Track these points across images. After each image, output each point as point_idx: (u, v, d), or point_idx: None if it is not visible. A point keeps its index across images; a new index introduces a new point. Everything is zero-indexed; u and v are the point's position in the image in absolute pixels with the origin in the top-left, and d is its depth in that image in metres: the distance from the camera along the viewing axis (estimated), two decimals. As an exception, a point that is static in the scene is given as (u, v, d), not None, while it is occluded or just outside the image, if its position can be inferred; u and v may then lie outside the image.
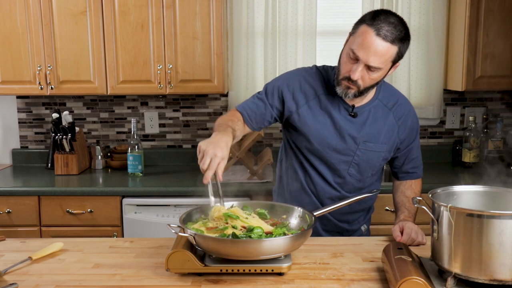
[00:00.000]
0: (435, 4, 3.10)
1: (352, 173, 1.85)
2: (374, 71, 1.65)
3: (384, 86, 1.86)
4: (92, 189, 2.70)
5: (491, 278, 1.28)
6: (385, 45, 1.61)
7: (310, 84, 1.83)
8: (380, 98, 1.83)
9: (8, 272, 1.50)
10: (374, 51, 1.60)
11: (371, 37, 1.60)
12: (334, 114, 1.79)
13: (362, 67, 1.64)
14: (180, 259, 1.42)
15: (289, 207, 1.67)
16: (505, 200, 1.46)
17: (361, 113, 1.80)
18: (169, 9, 2.84)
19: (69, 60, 2.90)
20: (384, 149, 1.83)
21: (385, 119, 1.82)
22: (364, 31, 1.62)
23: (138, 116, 3.30)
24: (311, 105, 1.81)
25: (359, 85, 1.67)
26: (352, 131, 1.80)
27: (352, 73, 1.64)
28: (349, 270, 1.50)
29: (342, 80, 1.70)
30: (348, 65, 1.66)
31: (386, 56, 1.63)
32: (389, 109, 1.83)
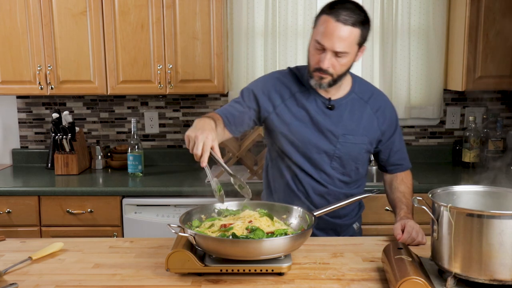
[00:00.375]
0: (435, 4, 3.10)
1: (335, 166, 1.86)
2: (342, 56, 1.70)
3: (359, 80, 1.92)
4: (92, 189, 2.70)
5: (491, 278, 1.28)
6: (347, 28, 1.66)
7: (285, 84, 1.87)
8: (356, 92, 1.87)
9: (8, 272, 1.50)
10: (337, 36, 1.66)
11: (332, 24, 1.66)
12: (311, 109, 1.83)
13: (330, 54, 1.69)
14: (180, 259, 1.42)
15: (288, 207, 1.67)
16: (505, 200, 1.46)
17: (338, 106, 1.83)
18: (169, 9, 2.84)
19: (69, 60, 2.90)
20: (365, 141, 1.85)
21: (363, 111, 1.85)
22: (324, 20, 1.68)
23: (138, 116, 3.30)
24: (288, 104, 1.85)
25: (331, 73, 1.72)
26: (331, 125, 1.82)
27: (321, 63, 1.70)
28: (349, 270, 1.50)
29: (314, 72, 1.75)
30: (316, 56, 1.72)
31: (349, 39, 1.68)
32: (365, 101, 1.86)
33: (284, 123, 1.84)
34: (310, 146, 1.83)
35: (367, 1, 3.10)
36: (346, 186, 1.90)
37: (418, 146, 3.33)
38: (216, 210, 1.66)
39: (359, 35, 1.70)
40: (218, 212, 1.66)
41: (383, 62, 3.15)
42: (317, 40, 1.70)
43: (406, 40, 3.14)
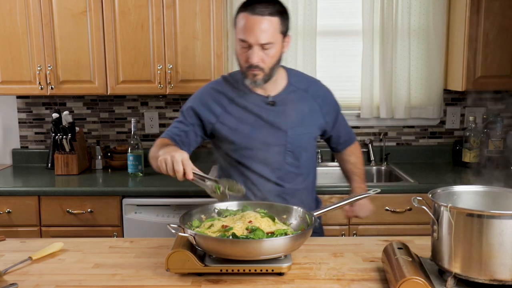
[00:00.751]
0: (435, 4, 3.10)
1: (289, 161, 1.87)
2: (269, 48, 1.72)
3: (294, 72, 1.95)
4: (92, 189, 2.70)
5: (491, 278, 1.28)
6: (265, 19, 1.69)
7: (222, 92, 1.88)
8: (293, 84, 1.89)
9: (8, 272, 1.50)
10: (258, 29, 1.69)
11: (250, 18, 1.69)
12: (254, 109, 1.84)
13: (257, 49, 1.71)
14: (180, 259, 1.42)
15: (288, 207, 1.67)
16: (505, 200, 1.46)
17: (278, 101, 1.85)
18: (169, 9, 2.84)
19: (69, 60, 2.90)
20: (312, 130, 1.90)
21: (304, 101, 1.88)
22: (242, 17, 1.72)
23: (138, 116, 3.30)
24: (230, 111, 1.86)
25: (262, 67, 1.74)
26: (277, 121, 1.84)
27: (250, 59, 1.72)
28: (349, 270, 1.50)
29: (246, 72, 1.77)
30: (244, 55, 1.74)
31: (271, 29, 1.70)
32: (305, 91, 1.89)
33: (230, 130, 1.85)
34: (262, 146, 1.83)
35: (367, 1, 3.10)
36: (301, 181, 1.92)
37: (418, 146, 3.33)
38: (216, 210, 1.66)
39: (279, 24, 1.73)
40: (218, 212, 1.66)
41: (383, 62, 3.15)
42: (240, 38, 1.72)
43: (406, 40, 3.14)
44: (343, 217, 1.77)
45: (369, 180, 3.20)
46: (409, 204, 2.67)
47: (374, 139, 3.30)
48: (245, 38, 1.70)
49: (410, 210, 2.68)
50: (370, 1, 3.10)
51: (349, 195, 1.89)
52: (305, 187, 1.93)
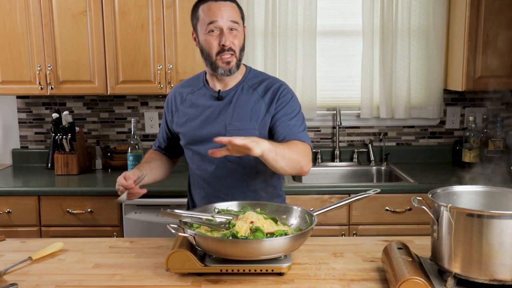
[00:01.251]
0: (435, 4, 3.10)
1: (230, 158, 1.81)
2: (236, 29, 1.78)
3: (253, 72, 1.94)
4: (92, 189, 2.70)
5: (491, 278, 1.28)
6: (228, 3, 1.78)
7: (179, 93, 1.97)
8: (246, 81, 1.90)
9: (8, 272, 1.50)
10: (225, 10, 1.76)
11: (214, 4, 1.77)
12: (200, 104, 1.89)
13: (227, 31, 1.76)
14: (180, 259, 1.42)
15: (288, 207, 1.67)
16: (505, 200, 1.46)
17: (226, 95, 1.87)
18: (169, 9, 2.84)
19: (69, 60, 2.90)
20: (254, 126, 1.82)
21: (250, 97, 1.86)
22: (206, 7, 1.78)
23: (138, 116, 3.30)
24: (180, 109, 1.94)
25: (234, 50, 1.78)
26: (218, 115, 1.85)
27: (224, 42, 1.76)
28: (349, 270, 1.50)
29: (218, 58, 1.78)
30: (215, 40, 1.77)
31: (235, 11, 1.80)
32: (253, 89, 1.88)
33: (180, 126, 1.93)
34: (202, 141, 1.86)
35: (367, 1, 3.10)
36: (248, 177, 1.86)
37: (418, 146, 3.33)
38: (217, 210, 1.66)
39: (239, 9, 1.82)
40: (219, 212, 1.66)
41: (383, 62, 3.15)
42: (209, 22, 1.76)
43: (406, 40, 3.14)
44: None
45: (369, 180, 3.20)
46: (409, 204, 2.67)
47: (374, 139, 3.30)
48: (215, 19, 1.75)
49: (410, 210, 2.68)
50: (370, 1, 3.10)
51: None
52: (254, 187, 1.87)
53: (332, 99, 3.27)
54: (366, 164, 3.25)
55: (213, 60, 1.79)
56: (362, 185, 2.86)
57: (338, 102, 3.25)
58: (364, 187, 2.72)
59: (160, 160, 2.03)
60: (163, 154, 2.07)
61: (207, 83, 1.91)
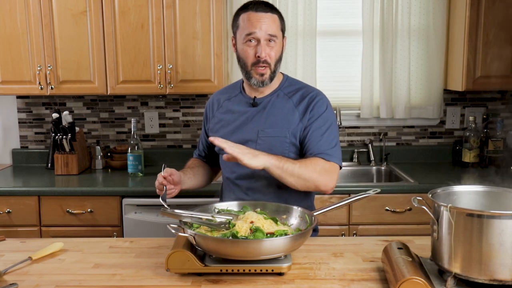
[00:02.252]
0: (435, 4, 3.10)
1: None
2: (274, 41, 1.79)
3: (290, 80, 1.95)
4: (92, 189, 2.70)
5: (491, 278, 1.28)
6: (268, 14, 1.79)
7: (216, 99, 2.01)
8: (282, 89, 1.91)
9: (8, 272, 1.50)
10: (264, 22, 1.77)
11: (255, 15, 1.78)
12: (235, 111, 1.91)
13: (264, 43, 1.78)
14: (180, 259, 1.42)
15: (288, 207, 1.67)
16: (505, 200, 1.46)
17: (261, 102, 1.89)
18: (169, 9, 2.84)
19: (69, 60, 2.90)
20: (286, 134, 1.82)
21: (284, 105, 1.87)
22: (246, 17, 1.80)
23: (138, 116, 3.30)
24: (216, 115, 1.97)
25: (269, 63, 1.80)
26: (252, 121, 1.86)
27: (259, 53, 1.77)
28: (349, 270, 1.50)
29: (253, 69, 1.81)
30: (252, 51, 1.80)
31: (275, 23, 1.80)
32: (288, 97, 1.89)
33: (214, 131, 1.95)
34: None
35: (367, 1, 3.10)
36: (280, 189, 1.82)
37: (418, 146, 3.33)
38: (217, 210, 1.66)
39: (279, 21, 1.83)
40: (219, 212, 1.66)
41: (383, 62, 3.15)
42: (247, 33, 1.78)
43: (406, 40, 3.15)
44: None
45: (369, 180, 3.20)
46: (409, 204, 2.67)
47: (374, 139, 3.30)
48: (254, 31, 1.76)
49: (410, 210, 2.68)
50: (370, 1, 3.10)
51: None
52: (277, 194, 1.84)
53: (332, 99, 3.21)
54: (366, 164, 3.25)
55: (248, 70, 1.82)
56: (362, 185, 2.86)
57: (338, 102, 3.25)
58: (364, 187, 2.72)
59: (202, 167, 2.05)
60: (204, 162, 2.09)
61: (244, 91, 1.93)
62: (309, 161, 1.73)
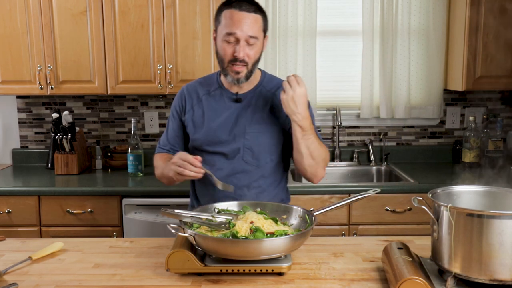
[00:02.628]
0: (435, 4, 3.10)
1: (247, 159, 1.86)
2: (253, 44, 1.77)
3: (268, 76, 1.96)
4: (92, 189, 2.70)
5: (491, 278, 1.28)
6: (251, 15, 1.76)
7: (192, 92, 1.96)
8: (263, 85, 1.91)
9: (8, 272, 1.50)
10: (246, 23, 1.75)
11: (237, 14, 1.75)
12: (218, 107, 1.89)
13: (243, 43, 1.76)
14: (180, 259, 1.42)
15: (288, 207, 1.67)
16: (505, 200, 1.46)
17: (244, 98, 1.88)
18: (169, 9, 2.84)
19: (69, 60, 2.90)
20: (274, 130, 1.87)
21: (269, 101, 1.88)
22: (229, 14, 1.77)
23: (138, 116, 3.30)
24: (195, 109, 1.93)
25: (247, 62, 1.78)
26: (238, 118, 1.86)
27: (237, 53, 1.76)
28: (349, 270, 1.50)
29: (229, 67, 1.80)
30: (230, 49, 1.77)
31: (257, 24, 1.78)
32: (272, 93, 1.89)
33: (194, 125, 1.91)
34: (220, 142, 1.86)
35: (367, 1, 3.10)
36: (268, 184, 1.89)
37: (418, 146, 3.33)
38: (217, 210, 1.66)
39: (262, 21, 1.80)
40: (219, 212, 1.66)
41: (383, 62, 3.15)
42: (228, 32, 1.75)
43: (406, 40, 3.15)
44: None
45: (369, 180, 3.20)
46: (409, 204, 2.67)
47: (374, 139, 3.30)
48: (234, 31, 1.74)
49: (410, 210, 2.68)
50: (370, 1, 3.10)
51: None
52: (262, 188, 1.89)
53: (332, 99, 3.28)
54: (366, 164, 3.25)
55: (224, 67, 1.82)
56: (362, 185, 2.86)
57: (338, 102, 3.25)
58: (364, 187, 2.72)
59: None
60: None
61: (223, 85, 1.91)
62: (322, 143, 1.82)
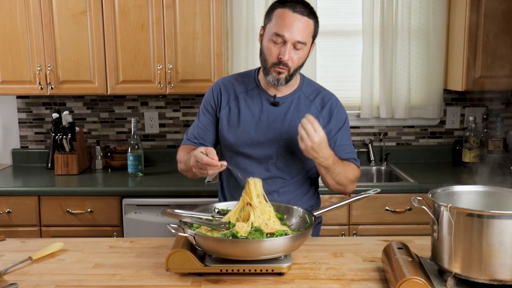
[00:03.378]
0: (435, 4, 3.10)
1: (279, 166, 1.85)
2: (300, 48, 1.72)
3: (307, 80, 1.92)
4: (92, 189, 2.70)
5: (491, 278, 1.28)
6: (304, 19, 1.70)
7: (229, 88, 1.90)
8: (302, 90, 1.87)
9: (8, 272, 1.50)
10: (297, 26, 1.69)
11: (290, 15, 1.69)
12: (255, 108, 1.85)
13: (290, 46, 1.70)
14: (180, 259, 1.42)
15: (288, 207, 1.67)
16: (505, 200, 1.46)
17: (283, 102, 1.84)
18: (169, 9, 2.84)
19: (69, 60, 2.90)
20: None
21: (307, 109, 1.84)
22: (281, 13, 1.70)
23: (138, 116, 3.30)
24: (231, 106, 1.88)
25: (289, 67, 1.73)
26: (274, 122, 1.83)
27: (282, 55, 1.70)
28: (349, 270, 1.50)
29: (272, 68, 1.75)
30: (276, 50, 1.72)
31: (308, 29, 1.72)
32: (310, 100, 1.87)
33: (227, 124, 1.87)
34: (254, 145, 1.83)
35: (367, 1, 3.10)
36: (299, 191, 1.89)
37: (418, 146, 3.33)
38: (217, 210, 1.66)
39: (313, 27, 1.75)
40: (219, 212, 1.66)
41: (383, 62, 3.15)
42: (276, 32, 1.70)
43: (406, 40, 3.15)
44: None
45: (369, 180, 3.20)
46: (409, 204, 2.67)
47: (374, 139, 3.30)
48: (282, 33, 1.69)
49: (410, 210, 2.68)
50: (370, 1, 3.10)
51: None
52: (293, 195, 1.89)
53: (332, 99, 3.27)
54: (366, 164, 3.25)
55: (267, 67, 1.76)
56: (362, 185, 2.86)
57: (338, 102, 3.24)
58: (364, 187, 2.72)
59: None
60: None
61: (260, 84, 1.86)
62: (348, 167, 1.80)
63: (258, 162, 1.85)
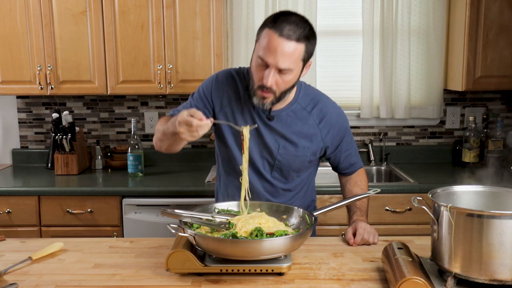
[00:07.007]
0: (435, 4, 3.10)
1: (276, 176, 1.84)
2: (286, 73, 1.61)
3: (305, 88, 1.84)
4: (92, 189, 2.70)
5: (491, 278, 1.28)
6: (291, 44, 1.57)
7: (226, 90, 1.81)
8: (299, 101, 1.80)
9: (8, 272, 1.50)
10: (280, 52, 1.56)
11: (275, 39, 1.57)
12: (250, 118, 1.78)
13: (274, 71, 1.59)
14: (180, 259, 1.42)
15: (288, 207, 1.67)
16: (505, 200, 1.47)
17: (278, 116, 1.77)
18: (169, 9, 2.84)
19: (69, 60, 2.90)
20: (307, 153, 1.80)
21: (305, 122, 1.78)
22: (267, 35, 1.59)
23: (138, 116, 3.30)
24: (227, 111, 1.80)
25: (274, 91, 1.63)
26: (270, 136, 1.78)
27: (264, 80, 1.60)
28: (349, 270, 1.50)
29: (257, 90, 1.65)
30: (260, 73, 1.62)
31: (294, 55, 1.59)
32: (308, 112, 1.80)
33: (222, 132, 1.81)
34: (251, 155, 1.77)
35: (367, 1, 3.10)
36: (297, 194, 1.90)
37: (418, 146, 3.33)
38: (217, 210, 1.66)
39: (304, 51, 1.61)
40: (219, 212, 1.66)
41: (383, 62, 3.15)
42: (260, 56, 1.60)
43: (406, 40, 3.14)
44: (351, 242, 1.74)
45: (369, 180, 3.18)
46: (409, 204, 2.67)
47: (374, 139, 3.30)
48: (265, 58, 1.58)
49: (410, 210, 2.68)
50: (370, 1, 3.10)
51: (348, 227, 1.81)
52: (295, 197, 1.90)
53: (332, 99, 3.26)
54: (366, 164, 3.25)
55: (252, 88, 1.67)
56: (362, 185, 2.85)
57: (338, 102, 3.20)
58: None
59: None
60: None
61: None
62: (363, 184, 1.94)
63: (253, 171, 1.83)
